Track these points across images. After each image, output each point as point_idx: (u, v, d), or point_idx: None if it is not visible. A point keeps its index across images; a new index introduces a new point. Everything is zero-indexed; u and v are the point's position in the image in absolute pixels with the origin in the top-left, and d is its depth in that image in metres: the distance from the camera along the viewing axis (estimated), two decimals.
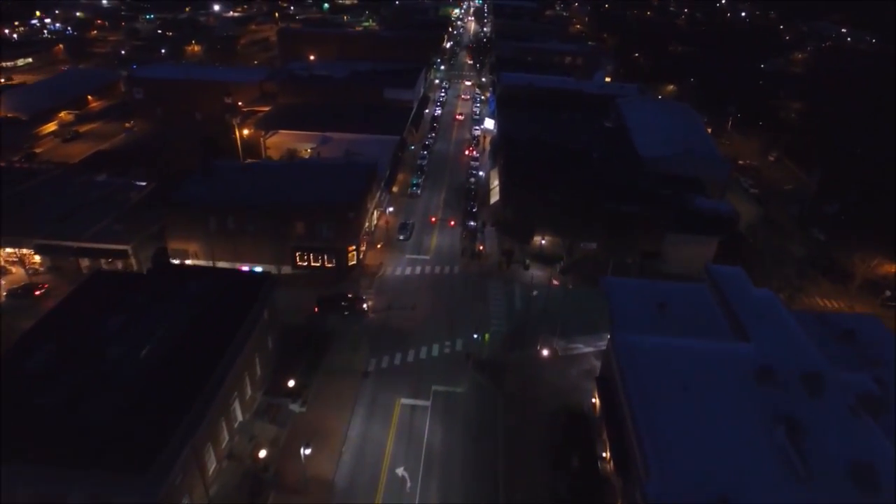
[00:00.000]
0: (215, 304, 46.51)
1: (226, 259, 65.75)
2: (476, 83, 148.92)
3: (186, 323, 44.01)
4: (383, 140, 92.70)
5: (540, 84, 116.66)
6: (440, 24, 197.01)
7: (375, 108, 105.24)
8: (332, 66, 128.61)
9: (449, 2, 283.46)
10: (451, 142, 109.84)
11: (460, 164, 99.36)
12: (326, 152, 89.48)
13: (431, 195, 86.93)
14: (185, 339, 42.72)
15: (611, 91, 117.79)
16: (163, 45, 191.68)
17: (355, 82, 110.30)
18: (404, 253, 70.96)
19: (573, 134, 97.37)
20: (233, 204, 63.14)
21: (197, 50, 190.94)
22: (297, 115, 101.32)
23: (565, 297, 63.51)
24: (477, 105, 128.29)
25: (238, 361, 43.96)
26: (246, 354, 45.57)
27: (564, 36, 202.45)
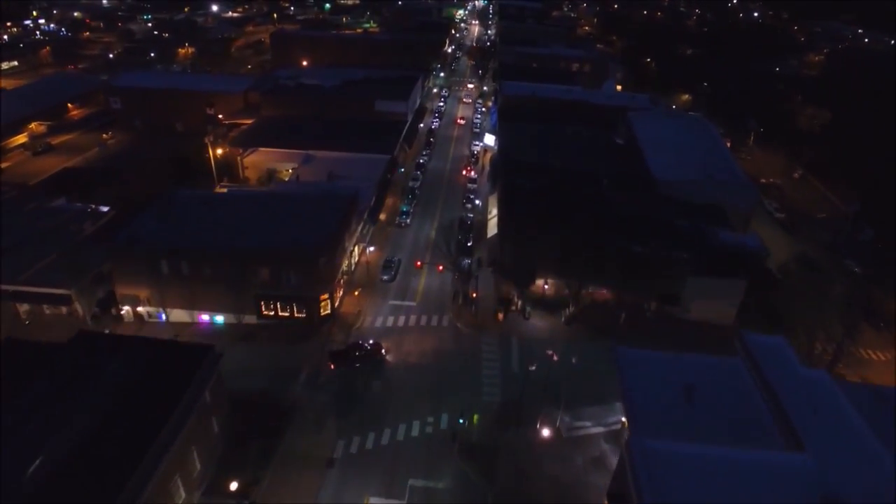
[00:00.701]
0: (140, 388, 37.43)
1: (180, 306, 56.78)
2: (478, 89, 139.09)
3: (99, 418, 34.98)
4: (372, 160, 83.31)
5: (544, 94, 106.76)
6: (442, 26, 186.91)
7: (365, 122, 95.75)
8: (322, 74, 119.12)
9: (453, 2, 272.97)
10: (448, 159, 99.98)
11: (457, 185, 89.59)
12: (308, 174, 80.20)
13: (422, 225, 77.17)
14: (94, 440, 33.73)
15: (621, 102, 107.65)
16: (155, 47, 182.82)
17: (344, 93, 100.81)
18: (387, 298, 61.48)
19: (580, 152, 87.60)
20: (187, 246, 54.02)
21: (190, 53, 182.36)
22: (279, 131, 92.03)
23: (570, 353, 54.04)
24: (478, 116, 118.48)
25: (166, 461, 34.94)
26: (178, 451, 36.51)
27: (572, 38, 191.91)
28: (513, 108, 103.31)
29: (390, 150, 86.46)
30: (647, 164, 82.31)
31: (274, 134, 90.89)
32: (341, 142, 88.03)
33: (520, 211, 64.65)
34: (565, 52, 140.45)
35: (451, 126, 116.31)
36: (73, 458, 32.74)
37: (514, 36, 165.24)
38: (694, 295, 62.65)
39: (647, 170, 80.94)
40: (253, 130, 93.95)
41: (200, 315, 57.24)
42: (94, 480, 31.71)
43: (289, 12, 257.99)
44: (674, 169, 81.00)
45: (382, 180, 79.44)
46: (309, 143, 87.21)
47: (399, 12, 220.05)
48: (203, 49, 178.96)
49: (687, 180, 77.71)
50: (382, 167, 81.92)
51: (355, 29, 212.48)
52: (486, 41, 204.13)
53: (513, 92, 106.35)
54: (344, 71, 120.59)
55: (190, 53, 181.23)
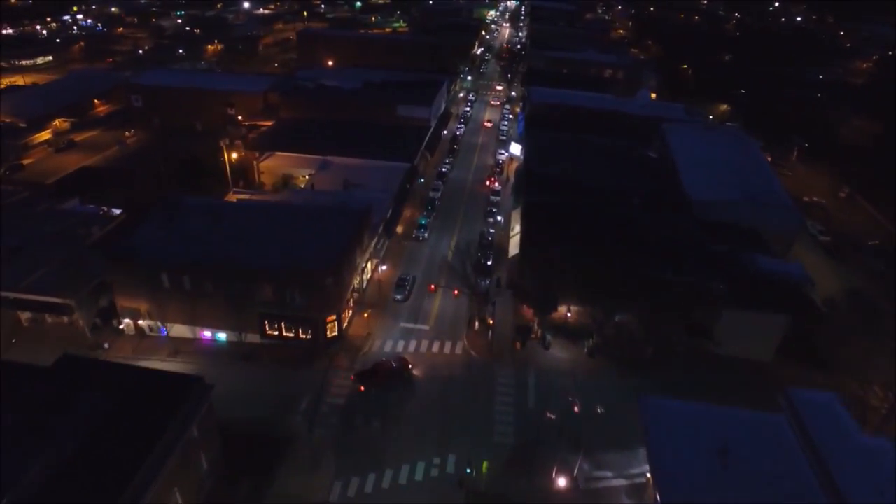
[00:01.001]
0: (120, 422, 34.50)
1: (181, 321, 54.10)
2: (506, 93, 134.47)
3: (70, 455, 32.14)
4: (391, 168, 79.86)
5: (574, 102, 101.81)
6: (472, 27, 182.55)
7: (386, 127, 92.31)
8: (345, 74, 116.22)
9: (485, 1, 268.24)
10: (472, 168, 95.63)
11: (479, 196, 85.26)
12: (324, 181, 77.20)
13: (440, 239, 73.10)
14: (62, 480, 30.92)
15: (655, 112, 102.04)
16: (184, 44, 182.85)
17: (365, 97, 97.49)
18: (399, 319, 57.72)
19: (610, 166, 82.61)
20: (189, 260, 51.20)
21: (218, 50, 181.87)
22: (296, 134, 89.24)
23: (592, 389, 49.65)
24: (505, 122, 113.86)
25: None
26: (156, 493, 33.50)
27: (605, 42, 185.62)
28: (541, 116, 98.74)
29: (411, 159, 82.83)
30: (682, 182, 76.93)
31: (291, 137, 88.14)
32: (360, 148, 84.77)
33: (543, 231, 60.28)
34: (597, 57, 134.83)
35: (477, 132, 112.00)
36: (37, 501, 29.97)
37: (545, 39, 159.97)
38: (729, 329, 57.43)
39: (682, 188, 75.61)
40: (270, 133, 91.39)
41: (202, 331, 54.49)
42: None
43: (319, 10, 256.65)
44: (710, 188, 75.50)
45: (401, 190, 75.85)
46: (326, 148, 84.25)
47: (428, 12, 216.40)
48: (230, 46, 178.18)
49: (724, 201, 72.27)
50: (401, 176, 78.34)
51: (384, 28, 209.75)
52: (516, 43, 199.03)
53: (541, 99, 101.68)
54: (367, 73, 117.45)
55: (218, 50, 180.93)
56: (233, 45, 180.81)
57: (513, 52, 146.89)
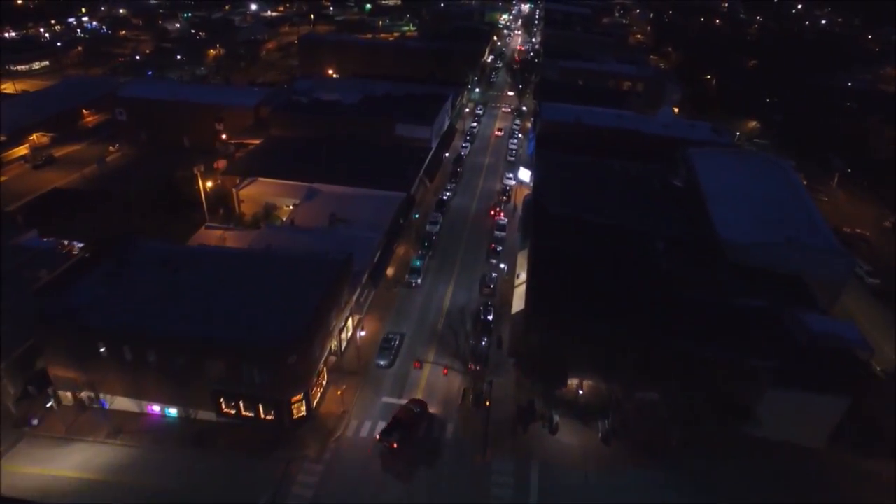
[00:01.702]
0: None
1: (123, 394, 45.68)
2: (516, 106, 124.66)
3: None
4: (384, 198, 70.95)
5: (590, 121, 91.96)
6: (483, 33, 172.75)
7: (383, 148, 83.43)
8: (344, 86, 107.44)
9: (498, 4, 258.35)
10: (476, 195, 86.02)
11: (482, 230, 75.65)
12: (308, 213, 68.52)
13: (436, 284, 63.70)
14: None
15: (679, 132, 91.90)
16: (186, 48, 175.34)
17: (362, 113, 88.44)
18: (381, 392, 48.69)
19: (630, 197, 72.93)
20: (129, 329, 42.70)
21: (220, 54, 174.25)
22: (283, 157, 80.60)
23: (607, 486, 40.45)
24: (514, 141, 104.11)
25: None
26: None
27: (623, 48, 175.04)
28: (553, 136, 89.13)
29: (407, 187, 73.77)
30: (712, 220, 66.92)
31: (277, 161, 79.51)
32: (352, 173, 75.97)
33: (552, 285, 50.99)
34: (616, 68, 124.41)
35: (484, 152, 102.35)
36: None
37: (559, 46, 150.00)
38: (774, 410, 47.81)
39: (712, 227, 65.63)
40: (253, 156, 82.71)
41: (150, 405, 46.03)
42: None
43: (328, 12, 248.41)
44: (745, 227, 65.48)
45: (393, 226, 66.87)
46: (315, 173, 75.49)
47: (439, 16, 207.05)
48: (231, 51, 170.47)
49: (763, 243, 62.28)
50: (395, 208, 69.35)
51: (392, 33, 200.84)
52: (529, 50, 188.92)
53: (554, 117, 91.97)
54: (368, 84, 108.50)
55: (220, 55, 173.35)
56: (235, 49, 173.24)
57: (525, 60, 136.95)
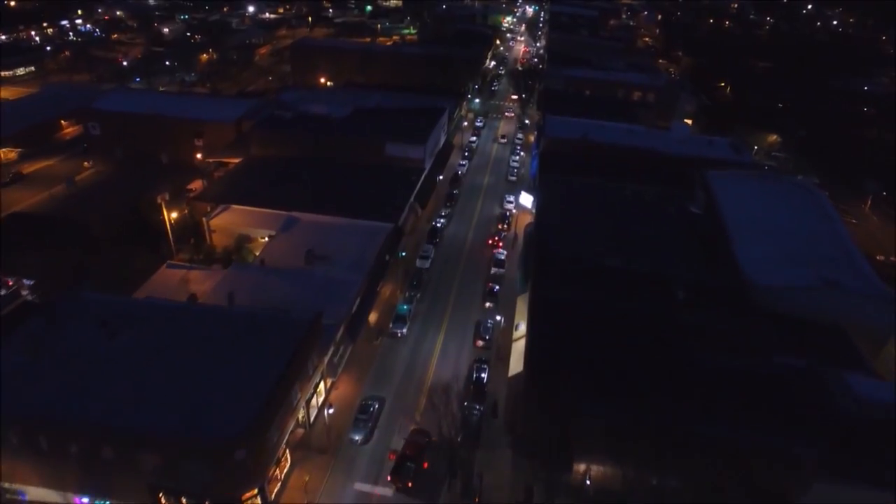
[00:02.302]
0: None
1: (43, 486, 38.22)
2: (520, 117, 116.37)
3: None
4: (369, 229, 63.23)
5: (598, 137, 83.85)
6: (485, 37, 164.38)
7: (372, 169, 75.74)
8: (336, 97, 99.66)
9: (502, 6, 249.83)
10: (473, 221, 77.79)
11: (479, 263, 67.67)
12: (284, 247, 60.91)
13: (425, 332, 55.61)
14: None
15: (695, 150, 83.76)
16: (178, 53, 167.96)
17: (350, 131, 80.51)
18: (353, 476, 40.90)
19: (644, 230, 64.95)
20: (44, 415, 35.13)
21: (214, 59, 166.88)
22: (262, 180, 72.96)
23: None
24: (515, 159, 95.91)
25: None
26: None
27: (631, 52, 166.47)
28: (557, 155, 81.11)
29: (395, 216, 65.98)
30: (737, 257, 58.86)
31: (254, 185, 71.90)
32: (334, 200, 68.39)
33: (555, 351, 43.17)
34: (625, 77, 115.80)
35: (483, 169, 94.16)
36: None
37: (565, 51, 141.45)
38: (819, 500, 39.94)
39: (737, 266, 57.58)
40: (230, 179, 75.02)
41: (77, 498, 38.55)
42: None
43: (327, 14, 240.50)
44: (775, 266, 57.32)
45: (378, 263, 59.13)
46: (294, 200, 67.94)
47: (440, 18, 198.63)
48: (224, 56, 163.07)
49: (797, 287, 54.25)
50: (381, 241, 61.60)
51: (391, 36, 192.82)
52: (532, 54, 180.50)
53: (558, 133, 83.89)
54: (361, 94, 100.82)
55: (212, 60, 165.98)
56: (226, 54, 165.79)
57: (529, 68, 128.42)
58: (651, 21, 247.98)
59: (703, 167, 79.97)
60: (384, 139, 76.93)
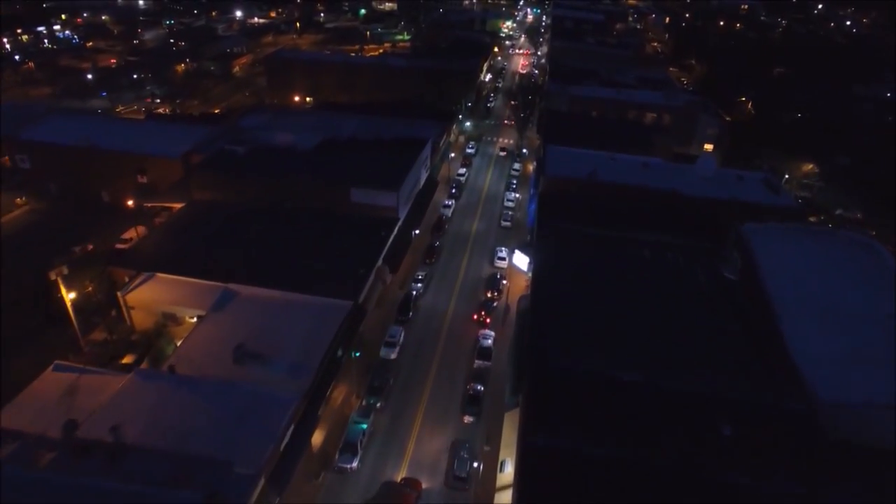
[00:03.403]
0: None
1: None
2: (515, 145, 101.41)
3: None
4: (322, 309, 49.38)
5: (608, 174, 69.57)
6: (482, 46, 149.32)
7: (334, 221, 61.84)
8: (304, 123, 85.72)
9: (501, 10, 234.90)
10: (456, 285, 61.85)
11: (462, 349, 53.36)
12: (211, 335, 47.18)
13: (382, 465, 40.85)
14: None
15: (724, 190, 69.24)
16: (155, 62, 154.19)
17: (309, 173, 66.12)
18: None
19: (667, 307, 50.88)
20: None
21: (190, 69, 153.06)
22: (198, 238, 58.87)
23: None
24: (511, 197, 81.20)
25: None
26: None
27: (641, 61, 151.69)
28: (559, 199, 66.89)
29: (356, 290, 51.99)
30: (791, 354, 44.59)
31: (188, 244, 57.82)
32: (284, 265, 54.60)
33: None
34: (638, 96, 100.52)
35: (473, 210, 78.81)
36: None
37: (568, 63, 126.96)
38: None
39: (793, 369, 43.31)
40: (161, 235, 60.77)
41: None
42: None
43: (318, 19, 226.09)
44: (842, 369, 43.12)
45: (327, 362, 45.20)
46: (234, 266, 54.14)
47: (436, 24, 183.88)
48: (199, 68, 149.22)
49: (875, 405, 40.11)
50: (335, 327, 47.77)
51: (382, 43, 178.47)
52: (534, 64, 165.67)
53: (560, 171, 69.56)
54: (334, 119, 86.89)
55: (191, 70, 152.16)
56: (204, 65, 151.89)
57: (528, 85, 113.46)
58: (659, 24, 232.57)
59: (734, 213, 65.86)
60: (349, 183, 62.80)
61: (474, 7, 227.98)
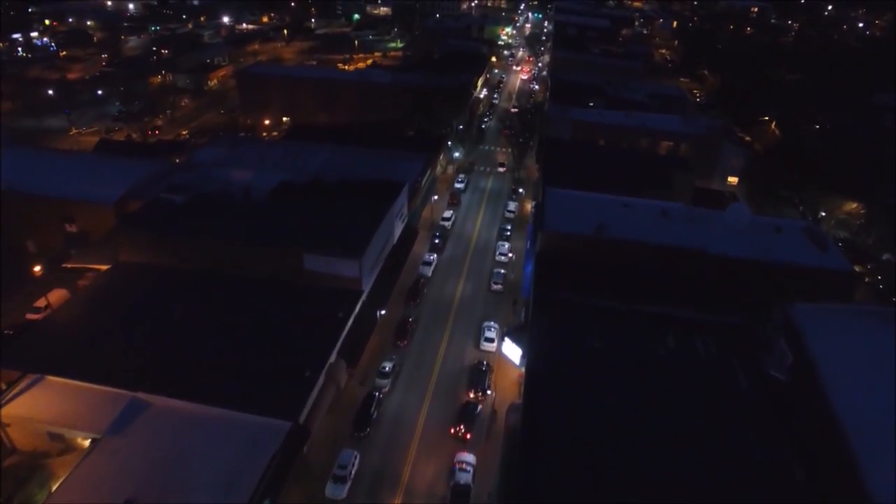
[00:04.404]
0: None
1: None
2: (511, 184, 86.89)
3: None
4: (252, 432, 37.12)
5: (620, 229, 56.71)
6: (477, 59, 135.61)
7: (284, 293, 49.41)
8: (268, 155, 73.47)
9: (501, 13, 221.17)
10: (432, 379, 47.57)
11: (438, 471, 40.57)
12: (102, 474, 34.96)
13: None
14: None
15: (761, 248, 56.24)
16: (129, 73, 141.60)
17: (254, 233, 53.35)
18: None
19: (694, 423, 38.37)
20: None
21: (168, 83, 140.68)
22: (110, 322, 46.45)
23: None
24: (503, 250, 67.80)
25: None
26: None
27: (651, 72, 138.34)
28: (560, 260, 54.21)
29: (296, 408, 39.49)
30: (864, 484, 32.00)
31: (94, 332, 45.37)
32: (214, 363, 42.23)
33: None
34: (651, 121, 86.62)
35: (458, 266, 64.52)
36: None
37: (571, 77, 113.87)
38: None
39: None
40: (62, 319, 48.04)
41: None
42: None
43: (309, 25, 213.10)
44: None
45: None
46: (151, 363, 41.83)
47: (430, 32, 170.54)
48: (172, 82, 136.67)
49: None
50: (268, 455, 35.48)
51: (372, 52, 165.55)
52: (535, 75, 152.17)
53: (562, 225, 56.71)
54: (303, 151, 74.52)
55: (166, 84, 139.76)
56: (179, 78, 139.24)
57: (526, 111, 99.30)
58: (666, 28, 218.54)
59: (775, 278, 53.29)
60: (302, 248, 50.19)
61: (473, 11, 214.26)
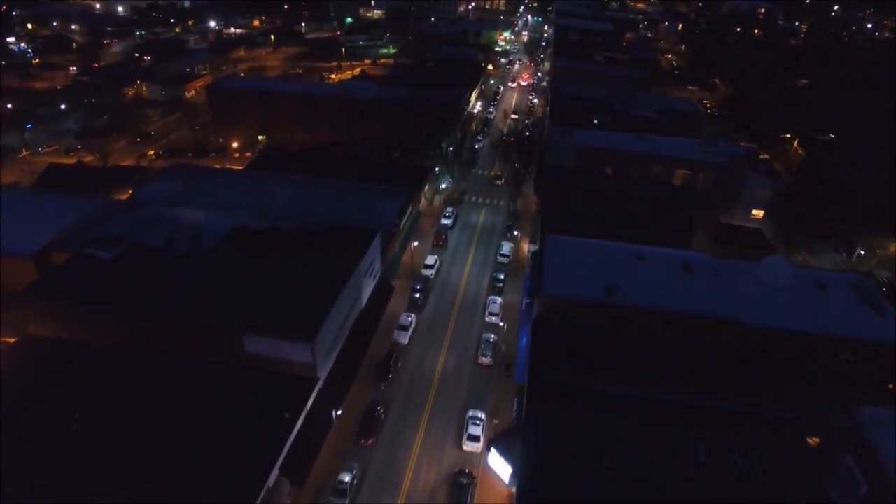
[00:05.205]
0: None
1: None
2: (509, 221, 75.18)
3: None
4: None
5: (634, 291, 46.25)
6: (472, 68, 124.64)
7: (219, 383, 39.03)
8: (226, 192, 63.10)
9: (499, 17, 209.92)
10: (401, 496, 39.56)
11: None
12: None
13: None
14: None
15: (804, 313, 45.92)
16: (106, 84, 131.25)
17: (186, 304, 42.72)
18: None
19: None
20: None
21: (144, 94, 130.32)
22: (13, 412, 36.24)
23: None
24: (495, 306, 56.82)
25: None
26: None
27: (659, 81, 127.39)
28: (563, 333, 43.79)
29: None
30: None
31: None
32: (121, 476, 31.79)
33: None
34: (664, 147, 74.05)
35: (440, 331, 52.27)
36: None
37: (574, 89, 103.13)
38: None
39: None
40: None
41: None
42: None
43: (299, 29, 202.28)
44: None
45: None
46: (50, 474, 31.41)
47: (424, 37, 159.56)
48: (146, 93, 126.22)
49: None
50: None
51: (363, 59, 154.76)
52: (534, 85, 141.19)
53: (564, 287, 46.22)
54: (268, 185, 64.18)
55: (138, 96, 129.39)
56: (154, 89, 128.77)
57: (519, 140, 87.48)
58: (672, 32, 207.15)
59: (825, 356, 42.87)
60: (241, 328, 39.68)
61: (469, 14, 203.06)
